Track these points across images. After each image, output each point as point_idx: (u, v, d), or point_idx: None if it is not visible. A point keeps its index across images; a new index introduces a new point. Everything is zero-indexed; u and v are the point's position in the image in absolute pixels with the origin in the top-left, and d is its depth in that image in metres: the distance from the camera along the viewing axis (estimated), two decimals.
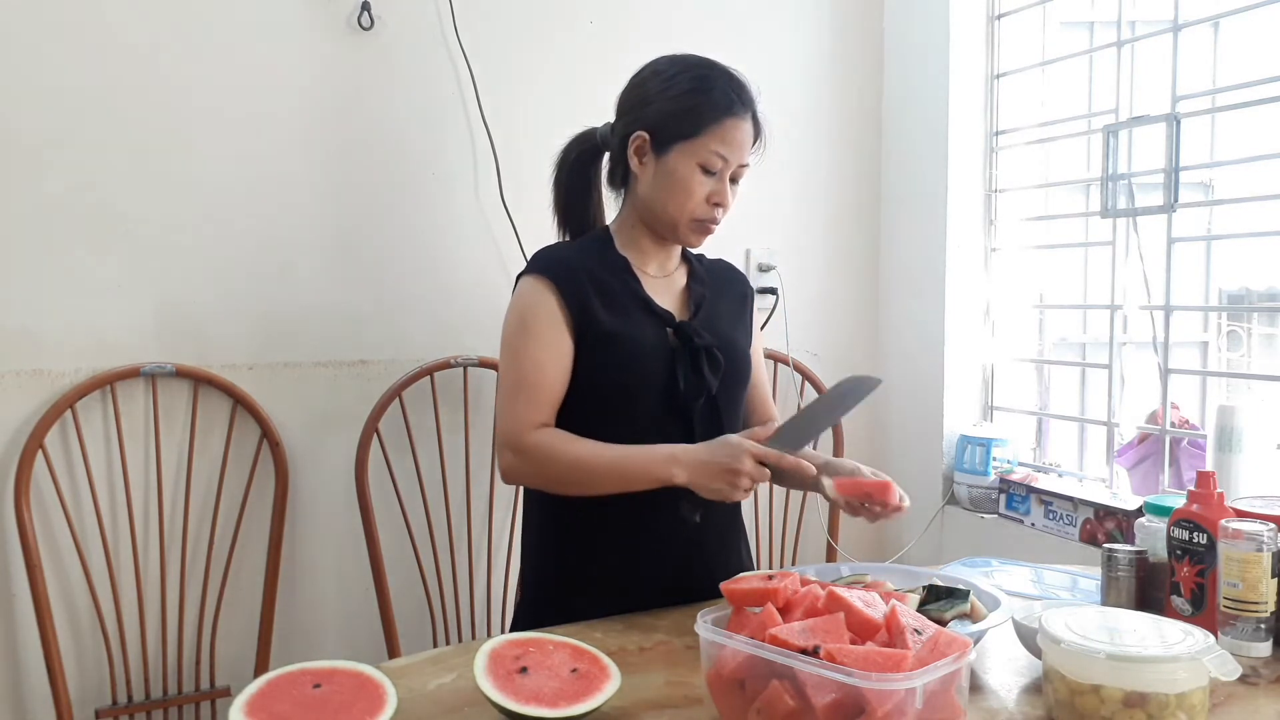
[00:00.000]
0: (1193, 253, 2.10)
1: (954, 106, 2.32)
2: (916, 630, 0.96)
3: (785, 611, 1.01)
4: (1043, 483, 2.16)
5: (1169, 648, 1.00)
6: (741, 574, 1.18)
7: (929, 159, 2.38)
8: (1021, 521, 2.18)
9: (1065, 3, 2.28)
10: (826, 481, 1.34)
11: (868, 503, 1.34)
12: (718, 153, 1.40)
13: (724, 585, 1.07)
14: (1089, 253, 2.27)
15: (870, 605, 1.00)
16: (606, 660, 1.08)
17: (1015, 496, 2.20)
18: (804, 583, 1.07)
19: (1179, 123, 1.92)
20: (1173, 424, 2.04)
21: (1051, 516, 2.10)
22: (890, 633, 0.96)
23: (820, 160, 2.47)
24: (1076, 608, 1.15)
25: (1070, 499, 2.06)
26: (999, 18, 2.33)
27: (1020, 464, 2.29)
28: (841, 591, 1.01)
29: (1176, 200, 1.93)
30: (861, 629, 0.97)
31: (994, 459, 2.26)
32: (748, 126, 1.42)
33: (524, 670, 1.04)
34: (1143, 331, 2.05)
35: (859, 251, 2.53)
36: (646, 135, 1.43)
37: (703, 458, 1.31)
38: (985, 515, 2.27)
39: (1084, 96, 2.22)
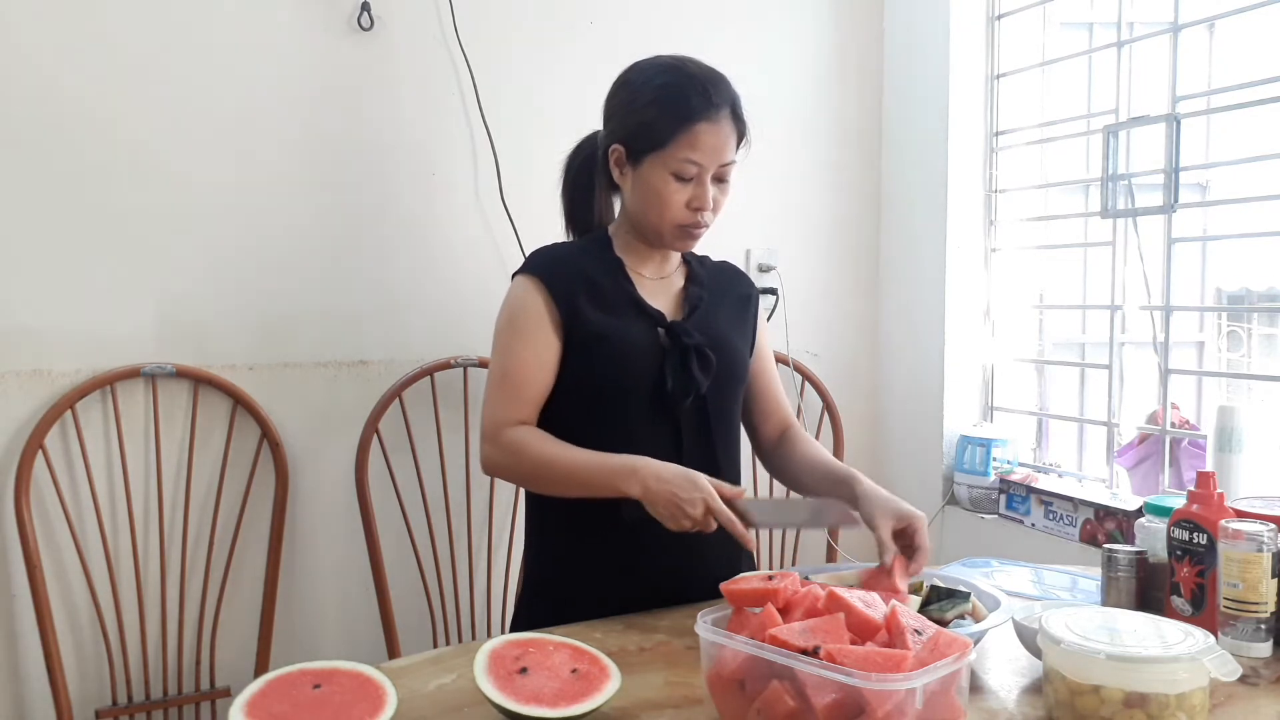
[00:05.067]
0: (1192, 253, 2.10)
1: (954, 107, 2.33)
2: (917, 631, 0.96)
3: (785, 612, 1.01)
4: (1043, 483, 2.16)
5: (1169, 648, 1.00)
6: (741, 574, 1.18)
7: (929, 159, 2.38)
8: (1021, 522, 2.18)
9: (1065, 3, 2.28)
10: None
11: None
12: (689, 159, 1.39)
13: (724, 585, 1.07)
14: (1089, 253, 2.27)
15: (870, 606, 1.00)
16: (606, 660, 1.08)
17: (1015, 497, 2.20)
18: (804, 583, 1.07)
19: (1179, 123, 1.92)
20: (1173, 424, 2.04)
21: (1051, 517, 2.10)
22: (890, 633, 0.96)
23: (820, 160, 2.47)
24: (1076, 608, 1.15)
25: (1070, 499, 2.06)
26: (999, 18, 2.33)
27: (1020, 464, 2.29)
28: (841, 592, 1.01)
29: (1176, 201, 1.93)
30: (861, 629, 0.97)
31: (994, 459, 2.26)
32: (722, 127, 1.40)
33: (524, 670, 1.04)
34: (1142, 332, 2.05)
35: (859, 251, 2.53)
36: (621, 148, 1.44)
37: (663, 483, 1.29)
38: (985, 516, 2.27)
39: (1084, 97, 2.22)
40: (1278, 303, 4.57)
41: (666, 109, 1.39)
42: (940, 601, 1.19)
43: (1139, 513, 1.80)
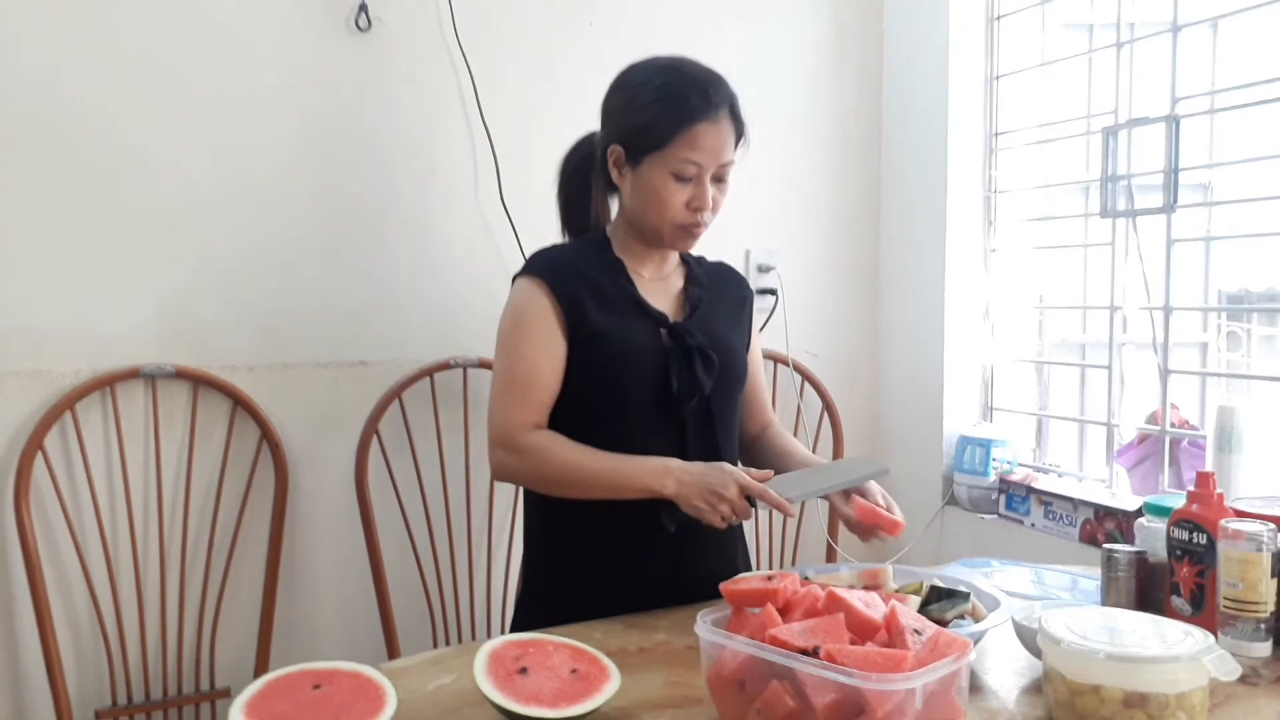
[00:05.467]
0: (1192, 253, 2.10)
1: (953, 107, 2.33)
2: (916, 631, 0.96)
3: (785, 612, 1.01)
4: (1042, 483, 2.16)
5: (1169, 648, 1.00)
6: (741, 574, 1.18)
7: (929, 159, 2.38)
8: (1021, 522, 2.18)
9: (1064, 4, 2.28)
10: (848, 506, 1.39)
11: (874, 531, 1.39)
12: (689, 159, 1.39)
13: (724, 586, 1.07)
14: (1088, 253, 2.27)
15: (870, 606, 1.00)
16: (606, 661, 1.08)
17: (1015, 497, 2.20)
18: (804, 583, 1.07)
19: (1178, 124, 1.92)
20: (1172, 424, 2.04)
21: (1051, 517, 2.10)
22: (890, 633, 0.96)
23: (820, 161, 2.47)
24: (1076, 608, 1.15)
25: (1070, 499, 2.06)
26: (998, 19, 2.33)
27: (1020, 464, 2.29)
28: (841, 592, 1.01)
29: (1176, 201, 1.93)
30: (861, 629, 0.97)
31: (994, 459, 2.26)
32: (721, 127, 1.41)
33: (524, 671, 1.04)
34: (1142, 332, 2.05)
35: (859, 251, 2.53)
36: (620, 149, 1.44)
37: (693, 475, 1.33)
38: (985, 516, 2.27)
39: (1083, 98, 2.22)
40: (1277, 303, 4.57)
41: (666, 110, 1.40)
42: (940, 601, 1.19)
43: (1139, 513, 1.80)
